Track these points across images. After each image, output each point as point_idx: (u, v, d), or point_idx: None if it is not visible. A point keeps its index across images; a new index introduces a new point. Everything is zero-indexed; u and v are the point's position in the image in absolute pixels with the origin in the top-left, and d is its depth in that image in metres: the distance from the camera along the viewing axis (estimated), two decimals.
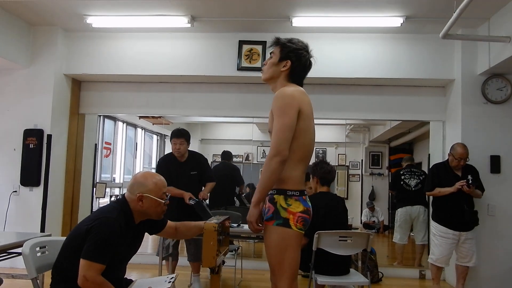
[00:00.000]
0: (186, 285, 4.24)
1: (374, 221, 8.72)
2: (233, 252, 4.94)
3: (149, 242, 6.11)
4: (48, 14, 4.68)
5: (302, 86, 2.21)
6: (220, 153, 6.40)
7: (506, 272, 4.39)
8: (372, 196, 9.17)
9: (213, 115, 5.64)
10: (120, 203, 2.10)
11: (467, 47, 4.62)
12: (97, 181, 6.08)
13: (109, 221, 1.96)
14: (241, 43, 4.97)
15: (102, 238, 1.92)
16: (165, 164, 4.04)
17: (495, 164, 4.50)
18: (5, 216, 4.79)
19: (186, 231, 2.42)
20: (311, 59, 2.24)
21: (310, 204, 2.12)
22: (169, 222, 2.37)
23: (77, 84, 5.44)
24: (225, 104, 5.33)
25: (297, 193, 2.06)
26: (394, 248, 5.72)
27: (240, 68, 4.95)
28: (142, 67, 5.06)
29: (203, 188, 4.06)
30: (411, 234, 5.58)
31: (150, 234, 2.34)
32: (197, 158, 4.14)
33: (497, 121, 4.57)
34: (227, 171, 5.92)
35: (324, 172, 3.40)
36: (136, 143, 8.83)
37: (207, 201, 4.38)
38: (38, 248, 2.16)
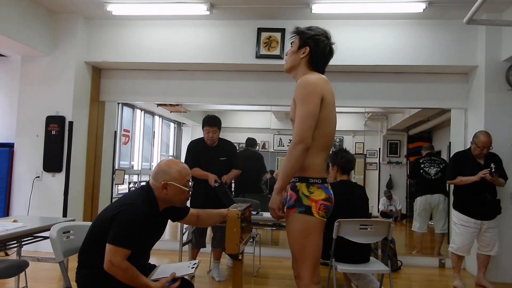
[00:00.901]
0: (205, 271, 4.29)
1: (392, 210, 8.66)
2: (251, 240, 4.97)
3: (168, 228, 6.19)
4: (68, 2, 4.72)
5: (323, 74, 2.19)
6: (238, 141, 6.41)
7: None
8: (390, 185, 9.10)
9: (231, 103, 5.64)
10: (145, 190, 2.12)
11: (491, 32, 4.50)
12: (116, 168, 6.17)
13: (134, 207, 1.99)
14: (260, 30, 4.94)
15: (128, 224, 1.95)
16: (195, 149, 4.08)
17: None
18: (29, 201, 4.91)
19: (208, 219, 2.43)
20: (333, 46, 2.21)
21: (332, 192, 2.11)
22: (191, 210, 2.39)
23: (97, 72, 5.49)
24: (243, 92, 5.32)
25: (319, 180, 2.06)
26: (413, 237, 5.68)
27: (258, 56, 4.93)
28: (161, 55, 5.08)
29: None
30: (430, 223, 5.53)
31: (173, 221, 2.36)
32: (227, 145, 4.16)
33: None
34: (251, 158, 5.94)
35: (345, 161, 3.37)
36: (154, 131, 8.91)
37: (232, 188, 4.41)
38: (63, 233, 2.21)
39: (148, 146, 8.76)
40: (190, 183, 2.16)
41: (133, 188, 6.81)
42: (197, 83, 5.39)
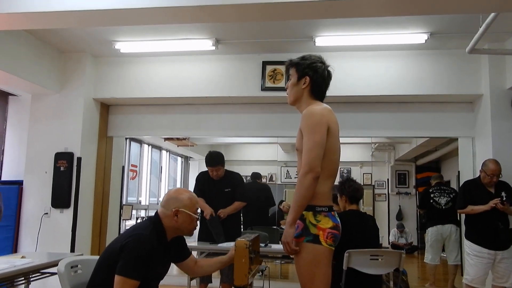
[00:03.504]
0: None
1: (404, 242, 8.52)
2: (260, 273, 4.89)
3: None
4: (77, 41, 4.86)
5: (324, 99, 2.23)
6: (246, 174, 6.42)
7: None
8: (400, 216, 8.98)
9: (237, 135, 5.68)
10: (153, 220, 2.12)
11: (494, 61, 4.55)
12: (124, 203, 6.18)
13: (143, 237, 1.98)
14: (265, 63, 5.04)
15: (137, 254, 1.93)
16: (202, 181, 4.16)
17: None
18: (37, 237, 4.89)
19: (207, 266, 2.40)
20: (329, 68, 2.25)
21: (339, 220, 2.10)
22: (191, 255, 2.36)
23: (106, 108, 5.59)
24: (249, 124, 5.37)
25: (326, 209, 2.05)
26: (425, 269, 5.56)
27: (264, 89, 5.00)
28: (167, 90, 5.18)
29: None
30: (443, 254, 5.42)
31: (173, 262, 2.32)
32: (233, 176, 4.21)
33: None
34: (258, 191, 5.94)
35: (353, 190, 3.35)
36: (161, 166, 8.95)
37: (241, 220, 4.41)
38: (71, 267, 2.19)
39: (156, 181, 8.78)
40: (198, 211, 2.16)
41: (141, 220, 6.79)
42: (203, 116, 5.45)
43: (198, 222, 4.03)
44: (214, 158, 4.06)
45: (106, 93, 5.31)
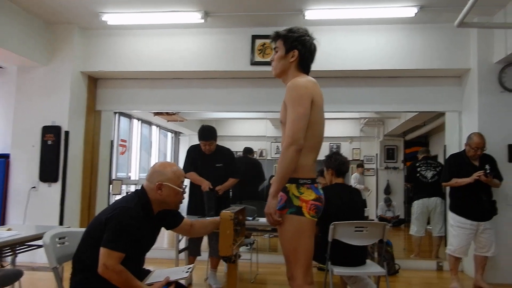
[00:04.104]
0: (203, 279, 4.28)
1: (391, 215, 8.68)
2: (249, 247, 4.96)
3: (165, 237, 6.17)
4: (64, 12, 4.76)
5: (309, 72, 2.22)
6: (236, 150, 6.43)
7: None
8: (388, 190, 9.13)
9: (227, 110, 5.67)
10: (139, 193, 2.13)
11: (483, 35, 4.54)
12: (113, 178, 6.17)
13: (128, 210, 1.99)
14: (254, 37, 4.98)
15: (122, 226, 1.95)
16: (193, 153, 4.14)
17: None
18: (25, 211, 4.90)
19: (202, 228, 2.42)
20: (314, 41, 2.24)
21: (321, 192, 2.13)
22: (185, 219, 2.39)
23: (93, 82, 5.52)
24: (239, 99, 5.34)
25: (309, 181, 2.07)
26: (411, 241, 5.68)
27: (253, 63, 4.96)
28: (156, 64, 5.11)
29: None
30: (428, 227, 5.54)
31: (167, 229, 2.35)
32: (225, 152, 4.20)
33: None
34: (249, 166, 5.96)
35: (339, 163, 3.38)
36: (151, 141, 8.93)
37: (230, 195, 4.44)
38: (57, 239, 2.21)
39: (146, 156, 8.77)
40: (184, 185, 2.17)
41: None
42: (193, 91, 5.41)
43: (187, 196, 4.09)
44: (208, 132, 4.04)
45: (94, 66, 5.23)
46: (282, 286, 4.08)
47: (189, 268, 2.22)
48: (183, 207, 3.20)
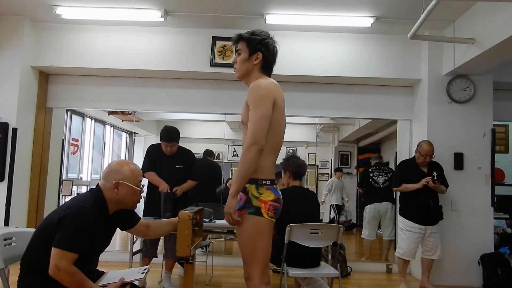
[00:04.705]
0: (157, 281, 4.20)
1: (343, 220, 8.87)
2: (204, 249, 4.93)
3: (117, 239, 6.01)
4: (14, 3, 4.53)
5: (271, 75, 2.25)
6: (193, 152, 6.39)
7: (468, 265, 4.57)
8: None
9: (185, 111, 5.61)
10: (94, 193, 2.06)
11: (433, 48, 4.79)
12: (64, 178, 5.94)
13: (82, 209, 1.93)
14: (215, 39, 4.97)
15: (76, 227, 1.88)
16: (153, 154, 4.05)
17: (459, 161, 4.68)
18: None
19: (159, 228, 2.37)
20: (275, 44, 2.28)
21: (280, 193, 2.16)
22: (141, 219, 2.34)
23: (45, 77, 5.29)
24: (197, 100, 5.31)
25: (268, 182, 2.10)
26: (362, 244, 5.85)
27: (213, 64, 4.95)
28: (113, 61, 4.98)
29: None
30: (379, 231, 5.73)
31: (122, 229, 2.28)
32: (186, 154, 4.15)
33: (460, 120, 4.75)
34: (209, 169, 5.93)
35: (296, 166, 3.44)
36: (105, 142, 8.66)
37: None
38: (4, 240, 2.10)
39: (99, 157, 8.49)
40: (141, 184, 2.13)
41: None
42: (150, 90, 5.31)
43: (144, 196, 4.00)
44: (171, 134, 3.97)
45: (46, 61, 5.02)
46: None
47: (144, 269, 2.18)
48: (139, 209, 3.15)
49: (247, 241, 2.05)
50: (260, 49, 2.19)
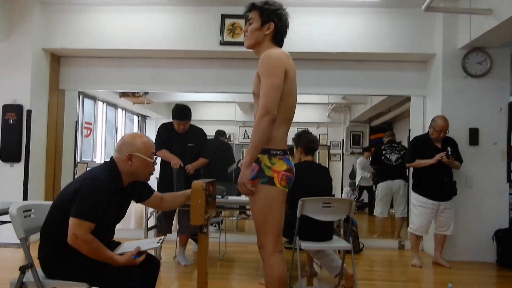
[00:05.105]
0: (171, 257, 4.27)
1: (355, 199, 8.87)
2: (217, 226, 4.99)
3: (132, 218, 6.11)
4: None
5: (282, 46, 2.24)
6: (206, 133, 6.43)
7: (482, 241, 4.54)
8: (353, 175, 9.30)
9: (195, 91, 5.61)
10: (108, 165, 2.09)
11: (448, 21, 4.68)
12: (78, 161, 6.02)
13: (98, 181, 1.96)
14: (224, 17, 4.92)
15: (91, 197, 1.92)
16: (165, 132, 4.07)
17: (474, 136, 4.62)
18: None
19: (172, 200, 2.40)
20: (288, 16, 2.25)
21: (292, 163, 2.16)
22: (155, 192, 2.37)
23: (56, 59, 5.32)
24: (208, 79, 5.29)
25: (280, 152, 2.10)
26: (374, 223, 5.85)
27: (222, 43, 4.91)
28: (122, 42, 4.97)
29: None
30: (391, 211, 5.72)
31: (137, 201, 2.32)
32: (197, 132, 4.15)
33: (476, 94, 4.67)
34: (220, 148, 5.96)
35: (308, 141, 3.44)
36: (117, 127, 8.73)
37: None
38: (24, 212, 2.14)
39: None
40: (154, 156, 2.15)
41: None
42: (160, 71, 5.31)
43: (157, 174, 4.04)
44: (183, 112, 3.97)
45: (57, 43, 5.03)
46: (249, 263, 4.13)
47: (160, 239, 2.22)
48: (152, 186, 3.19)
49: (260, 210, 2.06)
50: (273, 19, 2.17)
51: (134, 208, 5.97)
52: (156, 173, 4.08)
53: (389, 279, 3.78)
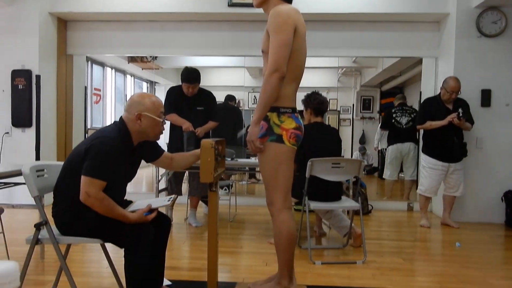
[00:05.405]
0: (183, 219, 4.36)
1: (365, 164, 8.88)
2: (227, 190, 5.05)
3: (144, 182, 6.20)
4: None
5: (291, 3, 2.19)
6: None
7: (491, 202, 4.55)
8: (363, 140, 9.30)
9: (204, 54, 5.56)
10: (118, 124, 2.10)
11: None
12: (88, 127, 6.07)
13: (108, 140, 1.98)
14: None
15: (102, 155, 1.94)
16: (174, 96, 4.04)
17: (486, 98, 4.54)
18: None
19: (182, 160, 2.42)
20: None
21: (301, 121, 2.15)
22: (165, 152, 2.38)
23: (63, 24, 5.27)
24: (216, 43, 5.23)
25: (289, 110, 2.09)
26: (384, 186, 5.88)
27: (231, 4, 4.81)
28: (130, 5, 4.90)
29: None
30: (401, 175, 5.72)
31: (147, 161, 2.35)
32: (206, 95, 4.12)
33: (490, 55, 4.56)
34: (230, 112, 5.96)
35: (318, 102, 3.42)
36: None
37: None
38: (36, 171, 2.18)
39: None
40: (163, 115, 2.15)
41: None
42: (168, 34, 5.25)
43: (167, 138, 4.06)
44: (193, 75, 3.93)
45: (63, 7, 4.98)
46: (259, 224, 4.21)
47: (170, 198, 2.25)
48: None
49: (269, 168, 2.08)
50: None
51: (145, 173, 6.06)
52: (166, 137, 4.12)
53: (397, 238, 3.82)
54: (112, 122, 2.18)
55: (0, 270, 0.57)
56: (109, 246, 2.15)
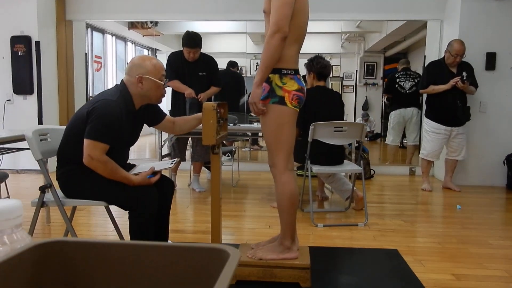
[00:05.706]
0: (186, 184, 4.40)
1: (368, 130, 8.88)
2: (229, 156, 5.08)
3: (147, 149, 6.22)
4: None
5: None
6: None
7: (493, 165, 4.57)
8: (366, 106, 9.25)
9: (205, 19, 5.45)
10: (119, 88, 2.09)
11: None
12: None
13: (110, 103, 1.97)
14: None
15: (104, 118, 1.94)
16: (175, 61, 3.99)
17: (491, 61, 4.49)
18: (2, 123, 4.81)
19: (185, 123, 2.42)
20: None
21: (304, 83, 2.13)
22: (167, 116, 2.38)
23: None
24: (218, 7, 5.14)
25: (292, 71, 2.07)
26: (386, 152, 5.89)
27: None
28: None
29: None
30: (404, 141, 5.71)
31: (149, 125, 2.35)
32: (208, 60, 4.07)
33: (496, 17, 4.47)
34: (232, 79, 5.91)
35: (320, 66, 3.38)
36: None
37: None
38: (39, 136, 2.19)
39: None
40: (165, 78, 2.14)
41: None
42: None
43: (169, 104, 4.05)
44: (194, 39, 3.87)
45: None
46: (262, 189, 4.25)
47: (173, 161, 2.27)
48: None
49: (272, 130, 2.07)
50: None
51: (149, 140, 6.08)
52: (168, 105, 4.11)
53: (399, 202, 3.86)
54: (114, 86, 2.18)
55: (5, 207, 0.58)
56: (114, 210, 2.18)
